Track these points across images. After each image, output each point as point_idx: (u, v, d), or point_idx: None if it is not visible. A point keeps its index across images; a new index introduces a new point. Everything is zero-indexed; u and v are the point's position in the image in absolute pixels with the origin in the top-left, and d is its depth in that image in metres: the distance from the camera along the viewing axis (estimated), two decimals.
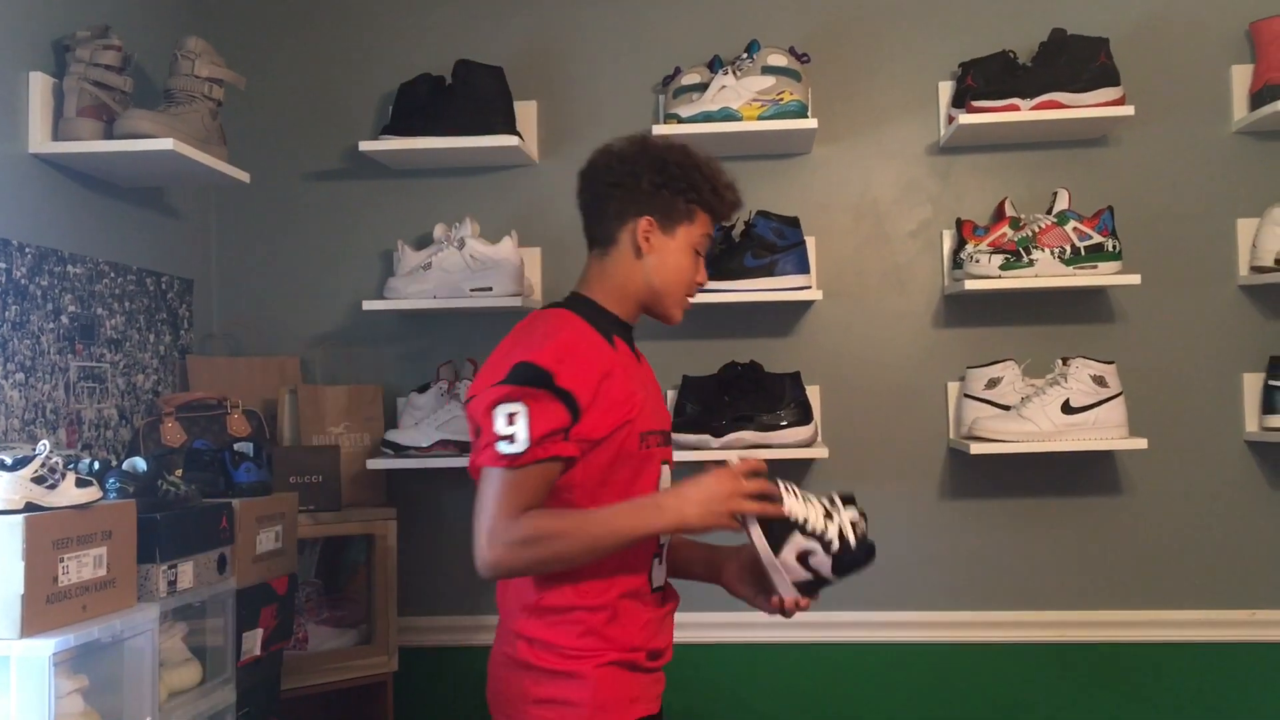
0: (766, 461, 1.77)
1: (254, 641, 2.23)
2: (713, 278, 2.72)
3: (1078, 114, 2.68)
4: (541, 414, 1.65)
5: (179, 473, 2.22)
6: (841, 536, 1.70)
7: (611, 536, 1.68)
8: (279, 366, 2.90)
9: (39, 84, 2.25)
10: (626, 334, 1.88)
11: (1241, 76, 2.82)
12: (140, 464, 2.01)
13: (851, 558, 1.70)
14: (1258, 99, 2.75)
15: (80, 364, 2.36)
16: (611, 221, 1.86)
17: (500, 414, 1.65)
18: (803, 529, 1.70)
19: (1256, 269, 2.76)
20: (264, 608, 2.26)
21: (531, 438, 1.64)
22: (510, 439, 1.64)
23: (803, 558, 1.71)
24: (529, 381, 1.66)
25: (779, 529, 1.71)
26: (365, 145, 2.83)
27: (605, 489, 1.74)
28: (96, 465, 1.92)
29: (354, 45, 3.04)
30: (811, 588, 1.74)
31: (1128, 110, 2.68)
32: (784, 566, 1.71)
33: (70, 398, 2.31)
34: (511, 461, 1.64)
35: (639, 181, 1.83)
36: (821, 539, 1.70)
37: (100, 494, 1.82)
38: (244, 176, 2.58)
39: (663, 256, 1.84)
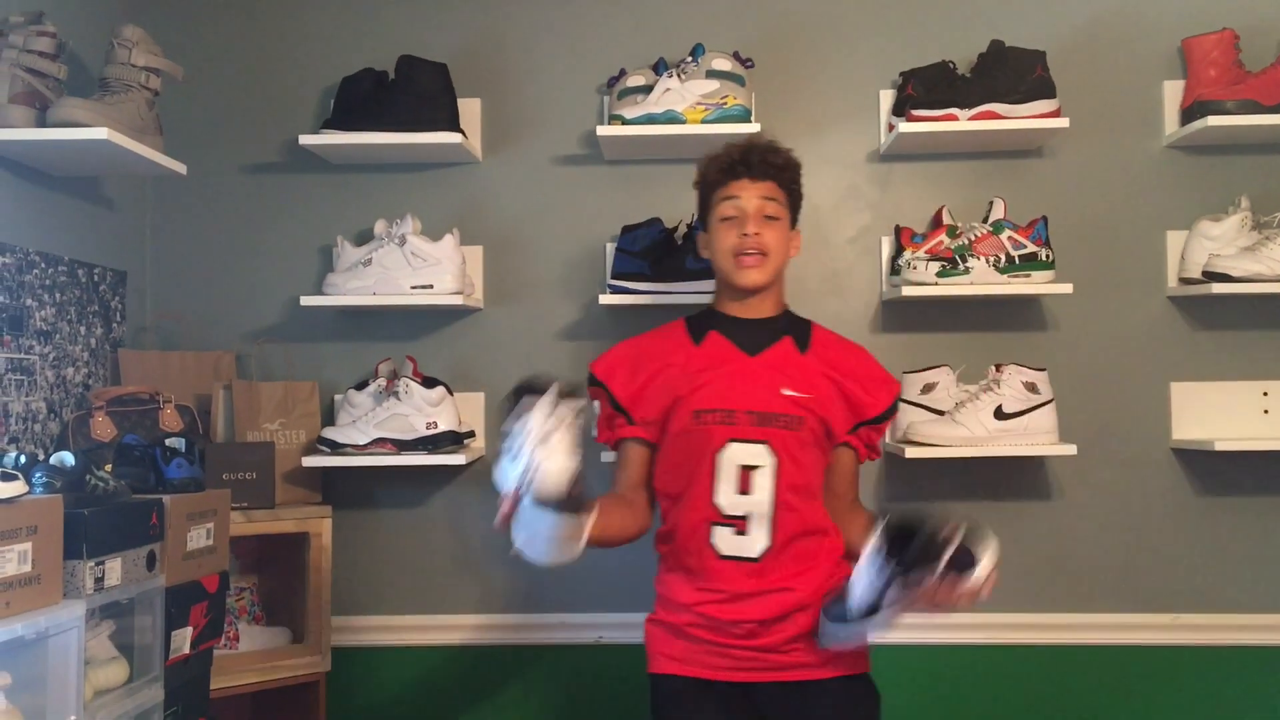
0: None
1: (183, 640, 2.20)
2: (653, 279, 2.74)
3: (1014, 125, 2.73)
4: (602, 406, 2.15)
5: (108, 468, 2.18)
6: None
7: None
8: (214, 361, 2.86)
9: None
10: (734, 327, 2.13)
11: (1173, 92, 2.89)
12: (68, 458, 1.97)
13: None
14: (1188, 115, 2.81)
15: (8, 355, 2.31)
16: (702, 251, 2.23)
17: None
18: None
19: (1184, 281, 2.83)
20: (194, 606, 2.23)
21: (597, 424, 2.18)
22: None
23: None
24: (592, 381, 2.17)
25: None
26: (305, 139, 2.80)
27: (666, 462, 2.10)
28: (23, 459, 1.88)
29: (295, 37, 3.00)
30: None
31: (1063, 123, 2.73)
32: None
33: None
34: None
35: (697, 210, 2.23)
36: None
37: (26, 488, 1.79)
38: (180, 168, 2.54)
39: (710, 247, 2.16)
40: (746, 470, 2.02)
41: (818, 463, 2.08)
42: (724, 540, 2.03)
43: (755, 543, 2.03)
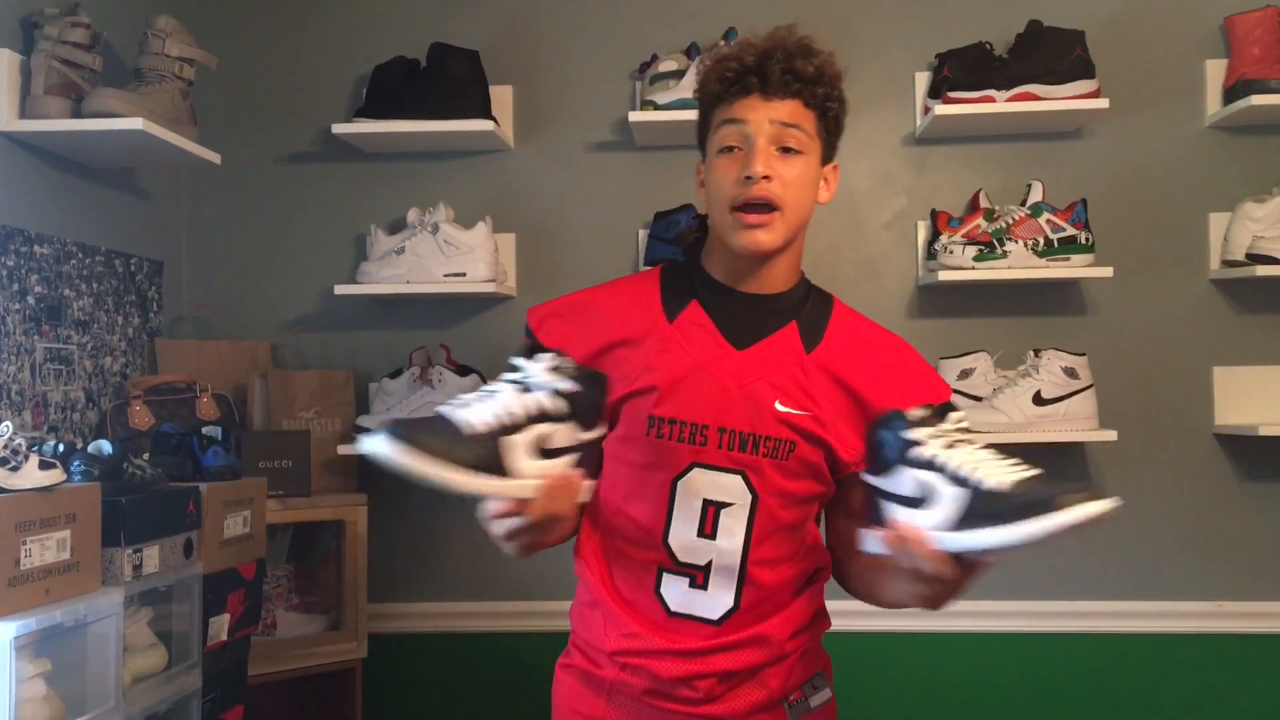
0: None
1: (221, 627, 2.22)
2: None
3: (1053, 106, 2.69)
4: None
5: (146, 456, 2.20)
6: None
7: None
8: (249, 350, 2.87)
9: (6, 61, 2.21)
10: (723, 303, 1.53)
11: (1215, 71, 2.83)
12: (106, 446, 1.99)
13: None
14: (1231, 94, 2.76)
15: (47, 345, 2.33)
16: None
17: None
18: None
19: (1228, 263, 2.78)
20: (231, 593, 2.25)
21: None
22: None
23: None
24: (526, 332, 1.57)
25: None
26: (338, 128, 2.80)
27: (609, 470, 1.52)
28: (61, 447, 1.90)
29: (328, 26, 3.01)
30: None
31: (1102, 103, 2.69)
32: None
33: (36, 379, 2.29)
34: None
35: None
36: None
37: (64, 476, 1.80)
38: (215, 158, 2.55)
39: (707, 187, 1.53)
40: (713, 507, 1.48)
41: (813, 495, 1.52)
42: (674, 593, 1.50)
43: (716, 602, 1.50)
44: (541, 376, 1.33)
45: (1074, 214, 2.69)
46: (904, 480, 1.29)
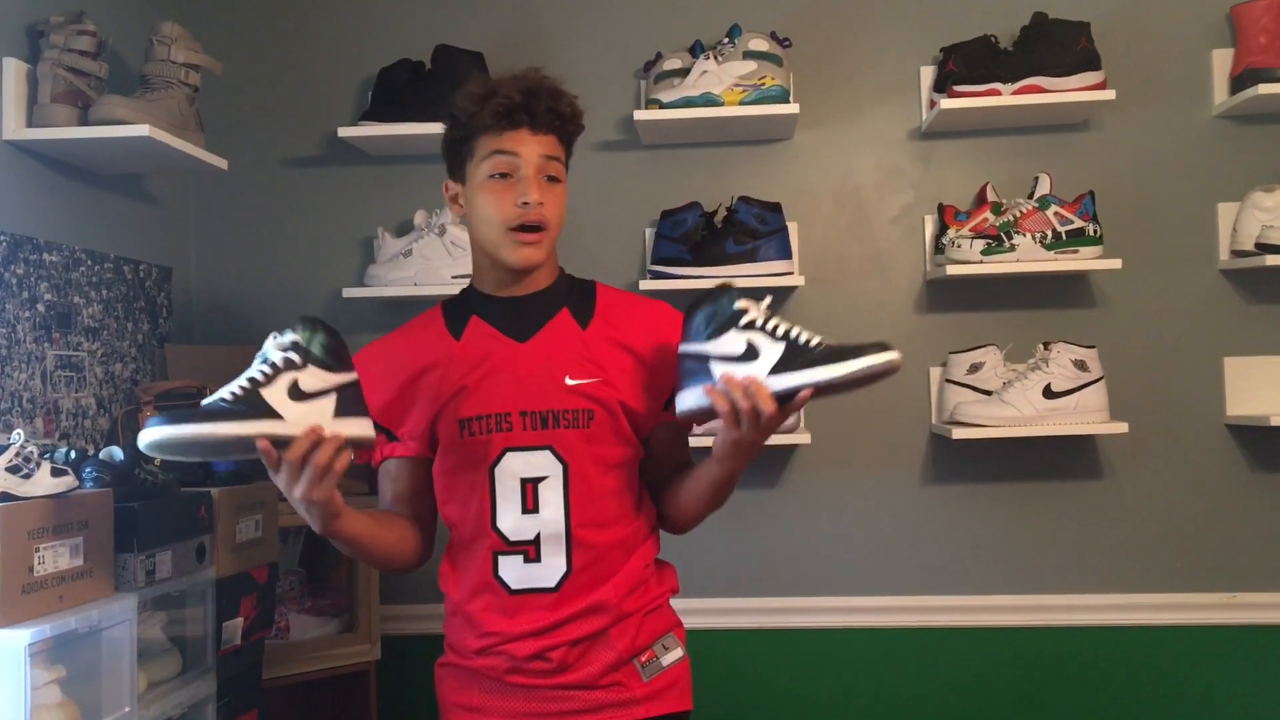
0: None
1: (234, 631, 2.22)
2: (694, 264, 2.72)
3: (1059, 98, 2.68)
4: None
5: (157, 462, 2.20)
6: None
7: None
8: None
9: (13, 70, 2.22)
10: (499, 310, 1.73)
11: (1222, 60, 2.82)
12: (117, 453, 1.99)
13: None
14: (1238, 83, 2.75)
15: (57, 353, 2.34)
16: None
17: None
18: None
19: (1237, 253, 2.77)
20: (244, 597, 2.25)
21: None
22: None
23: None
24: None
25: None
26: (344, 131, 2.81)
27: (439, 487, 1.74)
28: (73, 454, 1.90)
29: (333, 30, 3.01)
30: None
31: (1109, 95, 2.68)
32: None
33: (47, 387, 2.29)
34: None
35: (443, 150, 1.78)
36: None
37: (76, 483, 1.81)
38: (222, 163, 2.56)
39: (471, 209, 1.71)
40: (530, 484, 1.67)
41: (623, 459, 1.71)
42: (511, 571, 1.68)
43: (550, 570, 1.68)
44: (269, 344, 1.52)
45: (1082, 206, 2.68)
46: (733, 342, 1.53)
